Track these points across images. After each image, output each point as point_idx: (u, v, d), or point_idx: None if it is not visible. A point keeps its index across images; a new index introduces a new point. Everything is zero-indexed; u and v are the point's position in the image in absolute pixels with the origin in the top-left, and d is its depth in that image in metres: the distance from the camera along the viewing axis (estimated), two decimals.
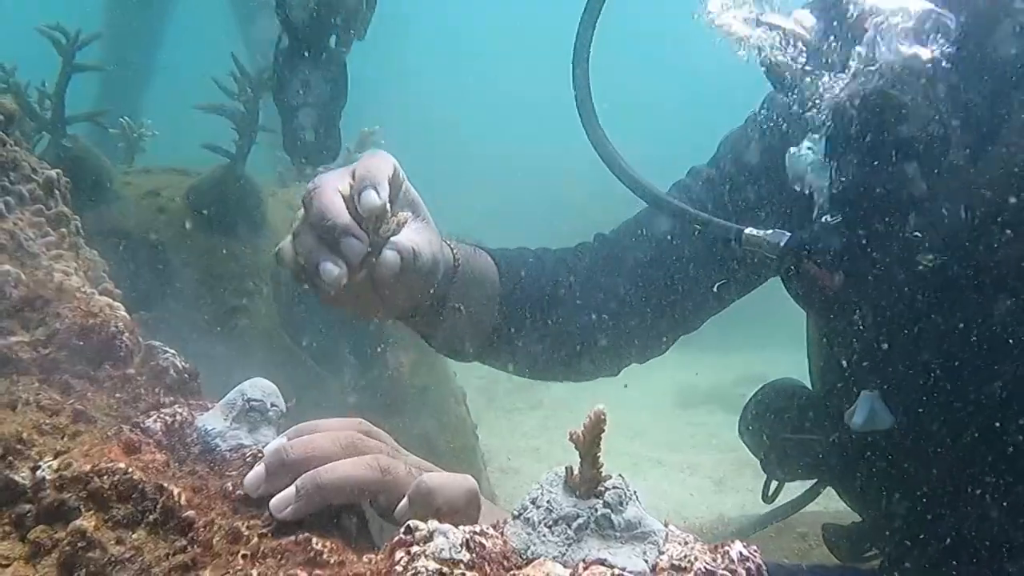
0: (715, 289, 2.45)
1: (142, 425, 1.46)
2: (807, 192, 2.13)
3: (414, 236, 1.66)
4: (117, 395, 1.57)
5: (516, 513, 1.17)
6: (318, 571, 1.09)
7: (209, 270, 4.19)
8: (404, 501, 1.29)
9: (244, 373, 1.57)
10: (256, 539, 1.28)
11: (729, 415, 8.51)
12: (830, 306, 2.00)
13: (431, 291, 1.84)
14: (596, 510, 1.13)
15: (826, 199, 1.99)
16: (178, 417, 1.49)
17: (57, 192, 2.01)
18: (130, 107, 8.45)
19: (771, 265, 2.11)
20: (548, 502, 1.15)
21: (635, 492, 1.16)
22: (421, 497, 1.26)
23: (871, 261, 1.92)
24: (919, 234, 1.90)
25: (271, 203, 4.71)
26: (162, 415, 1.48)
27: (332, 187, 1.58)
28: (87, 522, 1.29)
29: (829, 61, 1.87)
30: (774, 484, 2.57)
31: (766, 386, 2.61)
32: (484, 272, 2.18)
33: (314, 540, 1.27)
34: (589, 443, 1.12)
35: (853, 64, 1.82)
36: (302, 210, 1.61)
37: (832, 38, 1.87)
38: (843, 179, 1.92)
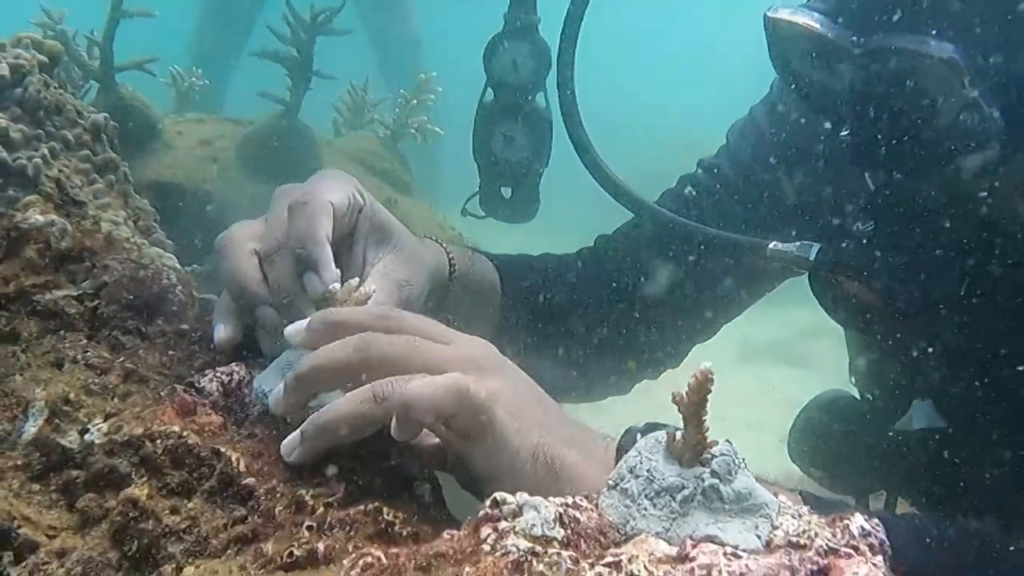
0: (736, 296, 2.37)
1: (197, 385, 1.36)
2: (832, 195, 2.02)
3: (388, 292, 1.53)
4: (170, 352, 1.46)
5: (612, 483, 1.05)
6: (394, 549, 0.98)
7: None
8: (393, 423, 1.22)
9: None
10: (322, 509, 1.18)
11: (792, 369, 8.39)
12: (870, 321, 1.87)
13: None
14: (703, 480, 1.00)
15: (855, 204, 1.85)
16: (235, 376, 1.39)
17: (104, 137, 1.90)
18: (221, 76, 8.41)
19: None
20: (648, 471, 1.02)
21: (743, 460, 1.04)
22: (403, 418, 1.21)
23: (911, 271, 1.79)
24: (959, 237, 1.77)
25: (326, 152, 4.61)
26: (218, 374, 1.38)
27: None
28: (139, 490, 1.20)
29: (845, 54, 1.73)
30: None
31: (810, 404, 2.51)
32: (483, 280, 2.05)
33: (384, 510, 1.17)
34: (694, 405, 0.99)
35: (869, 54, 1.69)
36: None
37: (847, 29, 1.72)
38: (873, 181, 1.80)
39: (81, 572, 1.13)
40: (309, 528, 1.14)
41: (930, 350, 1.95)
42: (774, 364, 8.84)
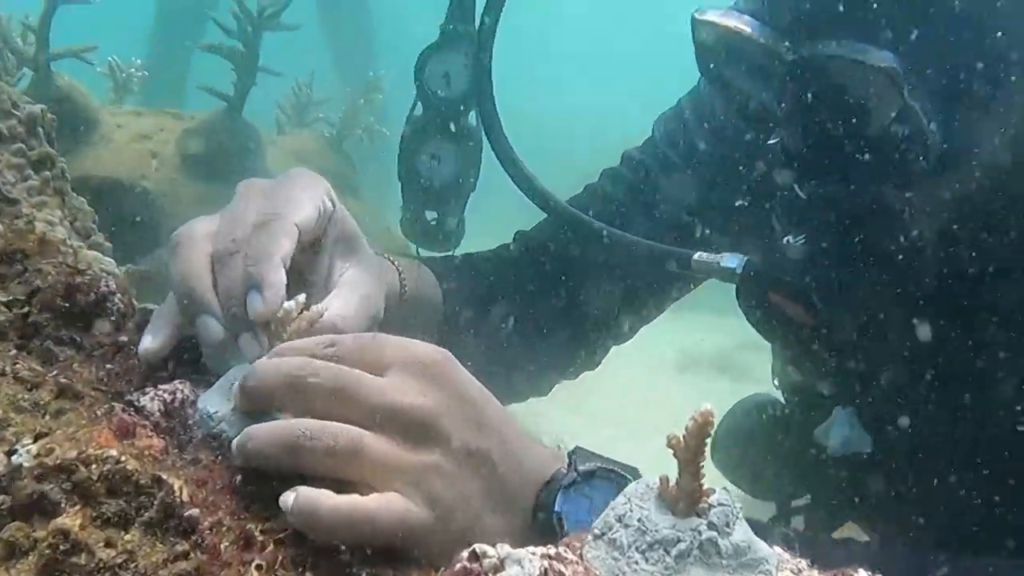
0: (654, 299, 2.32)
1: (137, 403, 1.26)
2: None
3: (345, 310, 1.44)
4: (108, 366, 1.35)
5: (598, 532, 0.96)
6: None
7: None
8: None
9: None
10: (272, 546, 1.09)
11: (733, 383, 8.37)
12: (800, 337, 1.81)
13: None
14: (700, 533, 0.91)
15: (786, 215, 1.78)
16: (179, 395, 1.28)
17: (40, 130, 1.79)
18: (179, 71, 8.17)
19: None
20: (639, 521, 0.93)
21: (740, 509, 0.95)
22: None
23: (843, 285, 1.73)
24: (892, 252, 1.71)
25: (270, 151, 4.51)
26: (160, 392, 1.28)
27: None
28: (71, 520, 1.08)
29: (777, 59, 1.66)
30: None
31: (733, 408, 2.50)
32: (427, 294, 1.98)
33: (342, 548, 1.09)
34: (692, 450, 0.91)
35: (802, 61, 1.63)
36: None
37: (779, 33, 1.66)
38: (803, 192, 1.72)
39: None
40: (258, 568, 1.06)
41: (856, 366, 1.91)
42: (713, 375, 8.85)
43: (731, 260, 1.86)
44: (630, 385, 8.07)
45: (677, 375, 8.83)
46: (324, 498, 1.12)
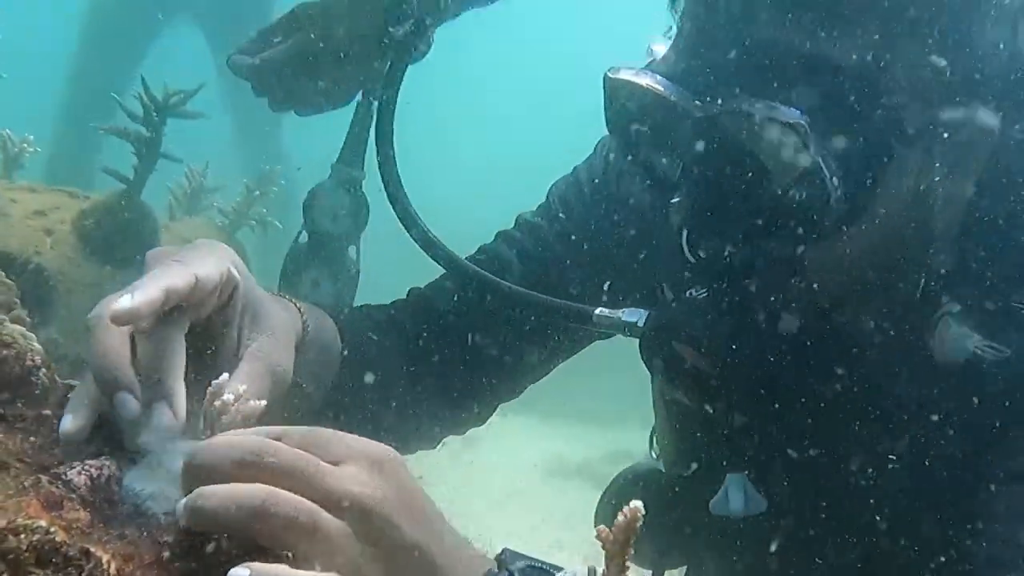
0: (544, 359, 2.36)
1: (64, 477, 1.27)
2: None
3: (259, 378, 1.52)
4: (32, 439, 1.36)
5: None
6: None
7: (98, 301, 3.94)
8: None
9: None
10: None
11: (596, 491, 8.43)
12: (704, 389, 1.85)
13: None
14: None
15: (688, 270, 1.84)
16: (105, 471, 1.30)
17: None
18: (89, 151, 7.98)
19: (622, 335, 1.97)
20: None
21: None
22: None
23: (747, 339, 1.77)
24: (794, 306, 1.77)
25: (165, 236, 4.49)
26: (87, 467, 1.29)
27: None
28: None
29: (687, 117, 1.70)
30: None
31: (617, 477, 2.48)
32: (329, 337, 2.03)
33: None
34: (619, 543, 0.97)
35: (710, 118, 1.68)
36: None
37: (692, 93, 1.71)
38: (706, 248, 1.77)
39: None
40: None
41: (756, 421, 1.93)
42: (580, 483, 8.92)
43: (632, 315, 1.90)
44: (497, 490, 8.08)
45: (548, 480, 8.89)
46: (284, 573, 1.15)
